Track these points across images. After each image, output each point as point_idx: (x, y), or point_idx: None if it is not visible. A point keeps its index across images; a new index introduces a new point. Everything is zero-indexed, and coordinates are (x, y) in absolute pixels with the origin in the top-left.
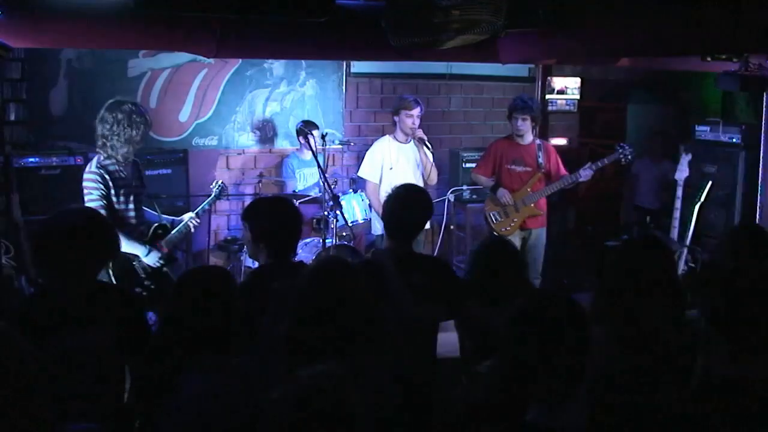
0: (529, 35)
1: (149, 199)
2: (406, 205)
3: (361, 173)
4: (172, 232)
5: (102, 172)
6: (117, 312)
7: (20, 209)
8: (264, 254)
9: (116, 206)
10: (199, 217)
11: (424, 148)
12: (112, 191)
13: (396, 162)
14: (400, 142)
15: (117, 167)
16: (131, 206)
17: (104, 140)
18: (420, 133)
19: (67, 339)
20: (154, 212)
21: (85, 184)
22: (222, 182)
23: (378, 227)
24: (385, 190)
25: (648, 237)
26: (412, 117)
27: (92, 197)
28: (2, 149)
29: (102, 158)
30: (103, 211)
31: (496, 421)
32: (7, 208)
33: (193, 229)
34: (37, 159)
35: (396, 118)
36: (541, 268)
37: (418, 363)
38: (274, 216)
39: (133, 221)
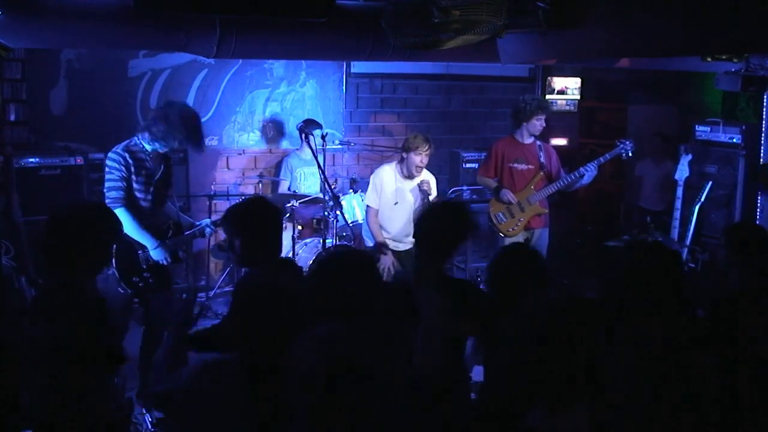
0: (529, 35)
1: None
2: (446, 222)
3: (368, 202)
4: (185, 233)
5: (126, 155)
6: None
7: (20, 209)
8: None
9: (134, 191)
10: (217, 226)
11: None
12: (133, 177)
13: (399, 198)
14: (404, 177)
15: (144, 156)
16: (149, 197)
17: (156, 133)
18: (426, 186)
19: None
20: (179, 213)
21: (107, 163)
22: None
23: (369, 240)
24: (379, 221)
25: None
26: (421, 155)
27: (112, 177)
28: (2, 149)
29: (133, 143)
30: (121, 193)
31: (495, 423)
32: (7, 208)
33: (208, 236)
34: (37, 159)
35: (404, 155)
36: None
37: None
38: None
39: (148, 211)
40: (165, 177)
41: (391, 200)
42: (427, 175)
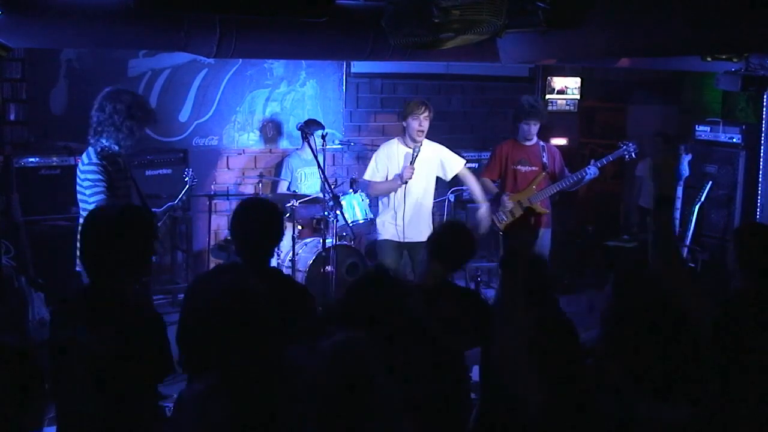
0: (529, 35)
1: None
2: (459, 239)
3: (366, 175)
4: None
5: (106, 162)
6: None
7: (20, 209)
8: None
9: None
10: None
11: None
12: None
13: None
14: (409, 146)
15: (116, 158)
16: (118, 192)
17: (103, 129)
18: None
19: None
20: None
21: (88, 176)
22: (191, 170)
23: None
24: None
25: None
26: (419, 119)
27: (98, 190)
28: (2, 149)
29: (100, 148)
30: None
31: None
32: (7, 208)
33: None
34: (37, 159)
35: (404, 123)
36: None
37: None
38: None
39: None
40: (128, 173)
41: (396, 171)
42: (435, 147)
